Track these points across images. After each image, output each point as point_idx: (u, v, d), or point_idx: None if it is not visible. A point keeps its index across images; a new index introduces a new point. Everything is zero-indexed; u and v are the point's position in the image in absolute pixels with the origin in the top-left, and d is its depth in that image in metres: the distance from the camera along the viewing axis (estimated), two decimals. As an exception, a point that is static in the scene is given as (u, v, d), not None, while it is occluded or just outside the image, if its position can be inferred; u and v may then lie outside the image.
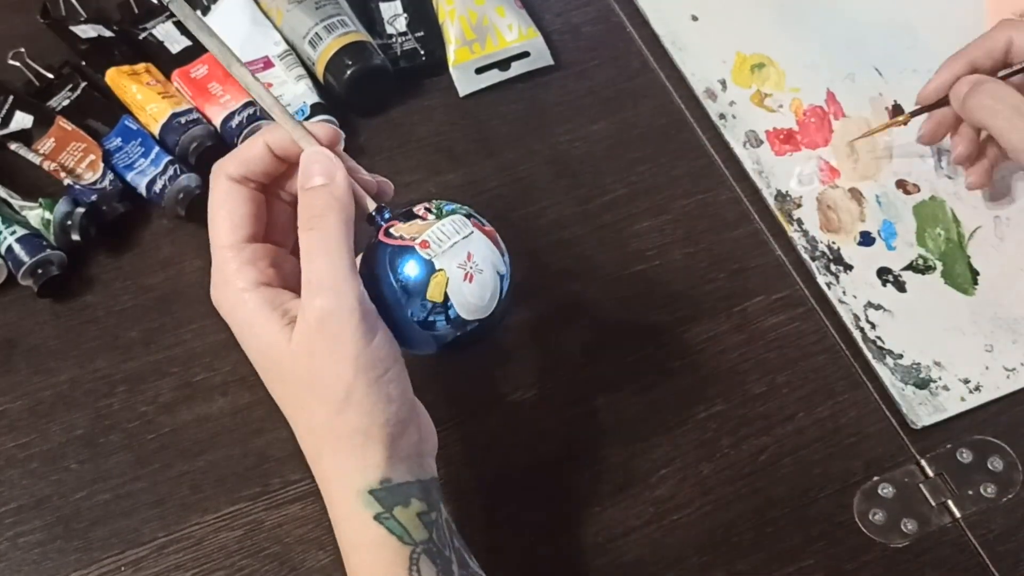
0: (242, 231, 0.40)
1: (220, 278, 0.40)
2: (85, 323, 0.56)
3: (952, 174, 0.64)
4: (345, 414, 0.38)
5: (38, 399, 0.53)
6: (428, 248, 0.38)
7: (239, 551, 0.50)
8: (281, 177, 0.42)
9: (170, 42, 0.62)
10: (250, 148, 0.41)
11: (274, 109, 0.41)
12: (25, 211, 0.55)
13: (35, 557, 0.49)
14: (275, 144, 0.40)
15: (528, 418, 0.55)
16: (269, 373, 0.40)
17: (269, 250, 0.41)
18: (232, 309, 0.40)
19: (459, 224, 0.40)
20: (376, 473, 0.38)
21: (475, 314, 0.39)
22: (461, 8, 0.65)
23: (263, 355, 0.40)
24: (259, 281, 0.39)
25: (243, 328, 0.40)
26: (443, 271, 0.38)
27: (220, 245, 0.40)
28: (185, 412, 0.53)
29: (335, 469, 0.39)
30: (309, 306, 0.37)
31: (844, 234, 0.62)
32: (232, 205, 0.40)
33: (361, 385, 0.37)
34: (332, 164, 0.39)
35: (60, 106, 0.60)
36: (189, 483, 0.51)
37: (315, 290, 0.37)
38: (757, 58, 0.68)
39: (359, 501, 0.38)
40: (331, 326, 0.36)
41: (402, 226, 0.40)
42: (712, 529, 0.52)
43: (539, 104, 0.66)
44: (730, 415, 0.55)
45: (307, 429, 0.40)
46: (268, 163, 0.41)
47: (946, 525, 0.53)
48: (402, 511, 0.39)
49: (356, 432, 0.38)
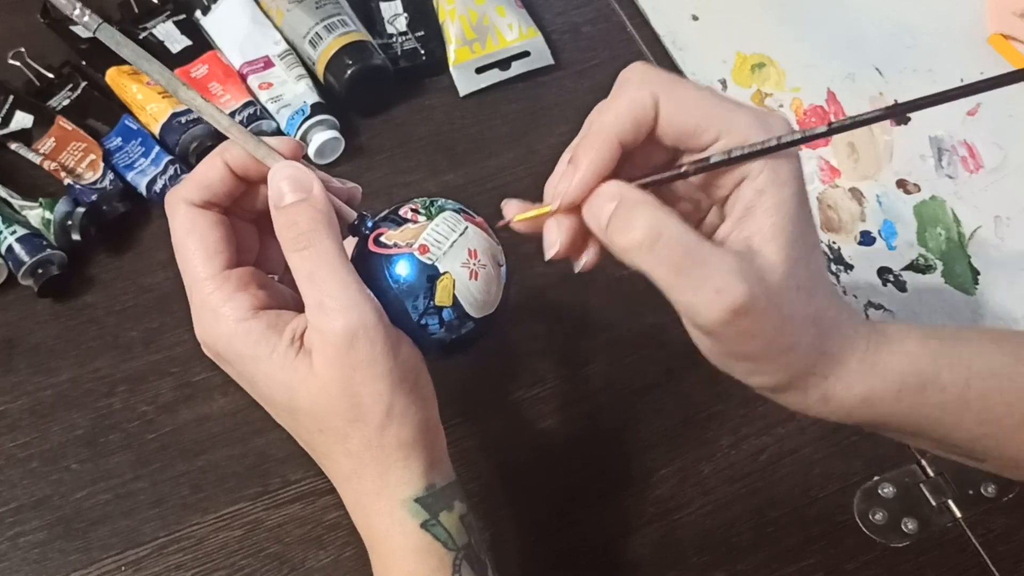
0: (218, 259, 0.37)
1: (207, 314, 0.36)
2: (85, 323, 0.56)
3: (953, 174, 0.64)
4: (387, 429, 0.36)
5: (38, 399, 0.53)
6: (428, 252, 0.37)
7: (239, 551, 0.50)
8: (242, 196, 0.39)
9: (170, 41, 0.62)
10: (207, 170, 0.37)
11: (231, 129, 0.37)
12: (25, 211, 0.55)
13: (35, 557, 0.49)
14: (234, 162, 0.37)
15: (527, 418, 0.55)
16: (286, 406, 0.37)
17: (254, 274, 0.38)
18: (229, 345, 0.36)
19: (453, 222, 0.38)
20: (422, 481, 0.37)
21: (484, 310, 0.38)
22: (461, 7, 0.65)
23: (279, 388, 0.36)
24: (255, 307, 0.36)
25: (248, 363, 0.36)
26: (448, 273, 0.37)
27: (197, 278, 0.36)
28: (185, 412, 0.53)
29: (377, 483, 0.37)
30: (330, 330, 0.34)
31: (845, 234, 0.62)
32: (200, 232, 0.37)
33: (400, 399, 0.35)
34: (305, 177, 0.36)
35: (60, 106, 0.60)
36: (189, 483, 0.51)
37: (333, 313, 0.34)
38: (757, 58, 0.68)
39: (405, 511, 0.37)
40: (361, 346, 0.34)
41: (394, 233, 0.37)
42: (712, 529, 0.52)
43: (539, 104, 0.66)
44: (730, 415, 0.55)
45: (343, 452, 0.37)
46: (229, 184, 0.38)
47: (947, 525, 0.53)
48: (447, 516, 0.37)
49: (401, 445, 0.36)
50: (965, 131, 0.65)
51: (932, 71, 0.64)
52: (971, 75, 0.67)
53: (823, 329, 0.35)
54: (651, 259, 0.33)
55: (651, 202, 0.34)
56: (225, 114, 0.38)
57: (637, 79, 0.35)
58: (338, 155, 0.62)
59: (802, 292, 0.34)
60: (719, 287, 0.32)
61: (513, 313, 0.42)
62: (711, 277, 0.32)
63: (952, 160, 0.64)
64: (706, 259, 0.33)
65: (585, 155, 0.34)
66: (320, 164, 0.61)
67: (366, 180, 0.61)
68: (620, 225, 0.34)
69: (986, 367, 0.36)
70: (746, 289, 0.32)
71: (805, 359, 0.35)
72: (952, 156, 0.64)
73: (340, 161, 0.62)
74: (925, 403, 0.36)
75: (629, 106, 0.34)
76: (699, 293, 0.33)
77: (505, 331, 0.56)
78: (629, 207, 0.34)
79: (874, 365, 0.36)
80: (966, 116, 0.66)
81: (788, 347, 0.34)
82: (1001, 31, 0.69)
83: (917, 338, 0.37)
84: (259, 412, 0.42)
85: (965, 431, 0.37)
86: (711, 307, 0.33)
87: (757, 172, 0.34)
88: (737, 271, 0.32)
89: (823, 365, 0.35)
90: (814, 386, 0.36)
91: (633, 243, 0.33)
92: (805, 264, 0.34)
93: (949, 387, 0.36)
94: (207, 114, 0.38)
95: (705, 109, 0.34)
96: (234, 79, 0.61)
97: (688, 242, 0.33)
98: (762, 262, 0.33)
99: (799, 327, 0.34)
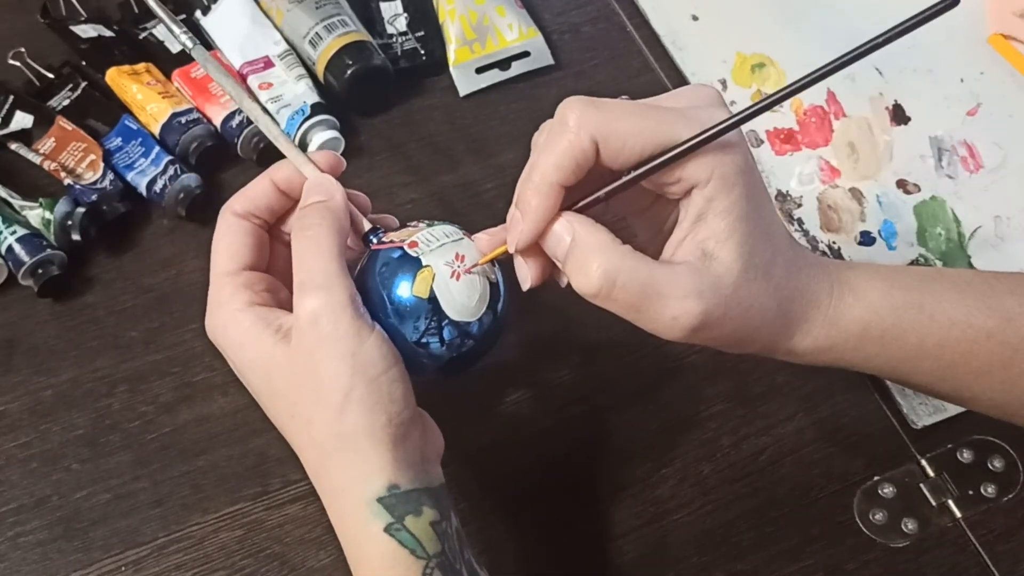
0: (240, 259, 0.40)
1: (214, 303, 0.40)
2: (85, 323, 0.56)
3: (953, 174, 0.64)
4: (345, 414, 0.36)
5: (38, 399, 0.53)
6: (416, 247, 0.39)
7: (239, 551, 0.50)
8: (284, 216, 0.43)
9: (170, 42, 0.62)
10: (254, 184, 0.42)
11: (279, 140, 0.43)
12: (25, 211, 0.55)
13: (35, 557, 0.49)
14: (280, 180, 0.42)
15: (528, 418, 0.55)
16: (265, 390, 0.40)
17: (267, 278, 0.41)
18: (224, 332, 0.39)
19: (450, 230, 0.40)
20: (382, 478, 0.37)
21: (462, 315, 0.39)
22: (461, 8, 0.65)
23: (258, 372, 0.39)
24: (253, 301, 0.39)
25: (236, 350, 0.39)
26: (430, 267, 0.38)
27: (217, 273, 0.40)
28: (185, 412, 0.53)
29: (340, 479, 0.38)
30: (301, 307, 0.36)
31: (845, 234, 0.62)
32: (232, 237, 0.41)
33: (360, 384, 0.36)
34: (332, 187, 0.40)
35: (60, 106, 0.60)
36: (189, 483, 0.51)
37: (309, 290, 0.37)
38: (757, 58, 0.68)
39: (368, 511, 0.37)
40: (324, 324, 0.36)
41: (392, 233, 0.40)
42: (712, 529, 0.52)
43: (539, 104, 0.66)
44: (730, 415, 0.55)
45: (309, 440, 0.39)
46: (272, 198, 0.42)
47: (947, 525, 0.53)
48: (414, 521, 0.37)
49: (358, 433, 0.37)
50: (965, 131, 0.65)
51: (932, 71, 0.64)
52: (971, 75, 0.67)
53: (784, 296, 0.38)
54: (609, 304, 0.36)
55: (602, 243, 0.35)
56: (277, 126, 0.44)
57: (574, 120, 0.35)
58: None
59: (760, 279, 0.36)
60: (675, 315, 0.35)
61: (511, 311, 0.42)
62: (667, 308, 0.35)
63: (952, 160, 0.64)
64: (660, 290, 0.35)
65: (529, 204, 0.36)
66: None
67: (366, 180, 0.62)
68: (576, 270, 0.36)
69: (946, 316, 0.39)
70: (700, 309, 0.35)
71: (771, 331, 0.38)
72: (952, 156, 0.64)
73: (340, 161, 0.62)
74: (885, 351, 0.39)
75: (568, 150, 0.35)
76: (658, 323, 0.36)
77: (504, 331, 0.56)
78: (583, 253, 0.35)
79: (837, 319, 0.39)
80: (966, 116, 0.66)
81: (754, 329, 0.37)
82: (1001, 31, 0.69)
83: (880, 289, 0.39)
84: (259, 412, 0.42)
85: (924, 375, 0.40)
86: (672, 331, 0.36)
87: (705, 181, 0.35)
88: (692, 292, 0.35)
89: (788, 328, 0.38)
90: (781, 346, 0.39)
91: (591, 291, 0.35)
92: (761, 251, 0.36)
93: (909, 336, 0.39)
94: (263, 125, 0.44)
95: (645, 136, 0.35)
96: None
97: (642, 277, 0.35)
98: (717, 267, 0.36)
99: (761, 310, 0.37)
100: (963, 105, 0.66)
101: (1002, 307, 0.39)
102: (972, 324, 0.38)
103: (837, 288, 0.39)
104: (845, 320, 0.38)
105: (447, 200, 0.61)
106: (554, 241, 0.36)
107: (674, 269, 0.35)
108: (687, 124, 0.34)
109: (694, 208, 0.36)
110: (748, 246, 0.36)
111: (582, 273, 0.35)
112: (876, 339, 0.39)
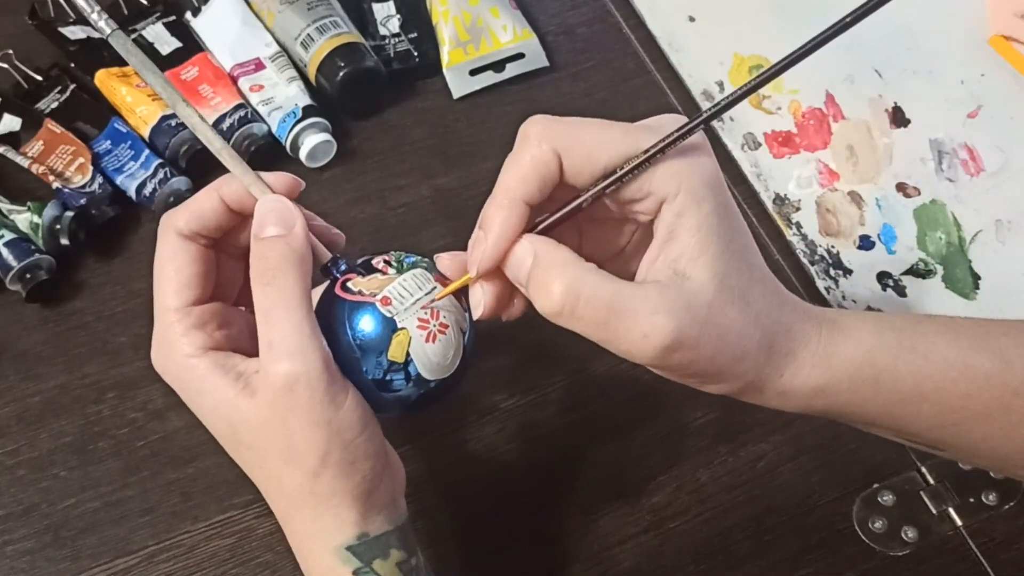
0: (189, 293, 0.37)
1: (164, 343, 0.37)
2: (74, 328, 0.55)
3: (953, 177, 0.63)
4: (320, 477, 0.36)
5: (26, 405, 0.53)
6: (390, 305, 0.37)
7: (230, 559, 0.49)
8: (232, 231, 0.39)
9: (160, 43, 0.62)
10: (203, 201, 0.38)
11: (223, 153, 0.38)
12: (13, 215, 0.55)
13: (23, 566, 0.48)
14: (230, 197, 0.38)
15: (523, 424, 0.54)
16: (230, 440, 0.38)
17: (217, 310, 0.39)
18: (179, 376, 0.37)
19: (421, 280, 0.38)
20: (353, 530, 0.37)
21: (436, 373, 0.38)
22: (455, 9, 0.65)
23: (222, 422, 0.37)
24: (207, 346, 0.37)
25: (194, 396, 0.37)
26: (405, 330, 0.36)
27: (165, 307, 0.37)
28: (175, 419, 0.53)
29: (309, 528, 0.37)
30: (273, 372, 0.34)
31: (844, 238, 0.61)
32: (180, 264, 0.37)
33: (336, 449, 0.35)
34: (290, 214, 0.37)
35: (49, 108, 0.59)
36: (180, 491, 0.51)
37: (278, 355, 0.34)
38: (755, 59, 0.67)
39: (336, 559, 0.37)
40: (300, 393, 0.34)
41: (361, 280, 0.38)
42: (709, 537, 0.51)
43: (534, 106, 0.65)
44: (728, 422, 0.55)
45: (278, 492, 0.38)
46: (222, 216, 0.38)
47: (947, 533, 0.52)
48: (381, 564, 0.37)
49: (332, 494, 0.36)
50: (966, 134, 0.65)
51: (932, 72, 0.64)
52: (972, 77, 0.67)
53: (768, 329, 0.35)
54: (575, 323, 0.33)
55: (565, 260, 0.34)
56: (220, 137, 0.38)
57: (536, 134, 0.34)
58: (330, 158, 0.61)
59: (737, 302, 0.34)
60: (645, 332, 0.33)
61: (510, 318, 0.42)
62: (636, 324, 0.33)
63: (952, 163, 0.63)
64: (628, 307, 0.33)
65: (492, 222, 0.34)
66: (312, 168, 0.61)
67: (358, 184, 0.61)
68: (538, 289, 0.34)
69: (942, 359, 0.37)
70: (673, 326, 0.33)
71: (755, 363, 0.35)
72: (952, 159, 0.64)
73: (332, 164, 0.61)
74: (880, 394, 0.37)
75: (532, 166, 0.34)
76: (627, 341, 0.33)
77: (500, 337, 0.55)
78: (545, 270, 0.34)
79: (828, 357, 0.36)
80: (967, 118, 0.65)
81: (734, 359, 0.35)
82: (1002, 32, 0.68)
83: (871, 330, 0.37)
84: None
85: (923, 422, 0.37)
86: (642, 351, 0.33)
87: (673, 195, 0.34)
88: (662, 309, 0.33)
89: (775, 363, 0.36)
90: (770, 385, 0.36)
91: (555, 308, 0.33)
92: (737, 273, 0.34)
93: (905, 378, 0.36)
94: (203, 135, 0.38)
95: (611, 148, 0.34)
96: (225, 81, 0.60)
97: (608, 294, 0.33)
98: (690, 285, 0.34)
99: (741, 337, 0.34)
100: (964, 107, 0.66)
101: (999, 349, 0.37)
102: (969, 365, 0.37)
103: (826, 328, 0.36)
104: (837, 359, 0.36)
105: (440, 205, 0.61)
106: (515, 264, 0.35)
107: (644, 287, 0.34)
108: (651, 135, 0.33)
109: (664, 227, 0.34)
110: (721, 265, 0.34)
111: (544, 291, 0.33)
112: (871, 380, 0.36)
